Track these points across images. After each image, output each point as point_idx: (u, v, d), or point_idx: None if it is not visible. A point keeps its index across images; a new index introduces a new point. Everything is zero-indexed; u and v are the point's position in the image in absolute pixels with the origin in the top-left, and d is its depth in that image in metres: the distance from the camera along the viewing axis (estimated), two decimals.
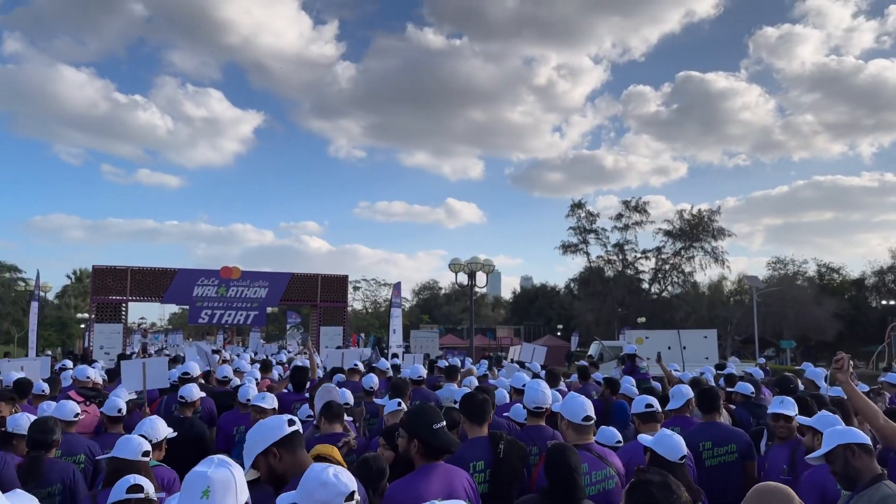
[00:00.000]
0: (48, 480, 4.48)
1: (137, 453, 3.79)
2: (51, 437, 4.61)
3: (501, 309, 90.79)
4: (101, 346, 21.09)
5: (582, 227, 57.32)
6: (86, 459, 5.34)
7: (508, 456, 4.22)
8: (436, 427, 3.49)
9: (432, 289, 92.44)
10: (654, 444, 3.95)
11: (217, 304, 23.15)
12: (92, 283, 22.99)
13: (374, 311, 60.97)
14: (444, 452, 3.53)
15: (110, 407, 5.88)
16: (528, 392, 5.12)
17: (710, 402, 5.50)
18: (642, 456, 4.28)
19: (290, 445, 2.85)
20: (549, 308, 72.08)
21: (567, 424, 4.38)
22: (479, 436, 4.33)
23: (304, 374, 8.89)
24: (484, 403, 4.43)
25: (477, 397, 4.55)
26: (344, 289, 25.71)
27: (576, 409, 4.35)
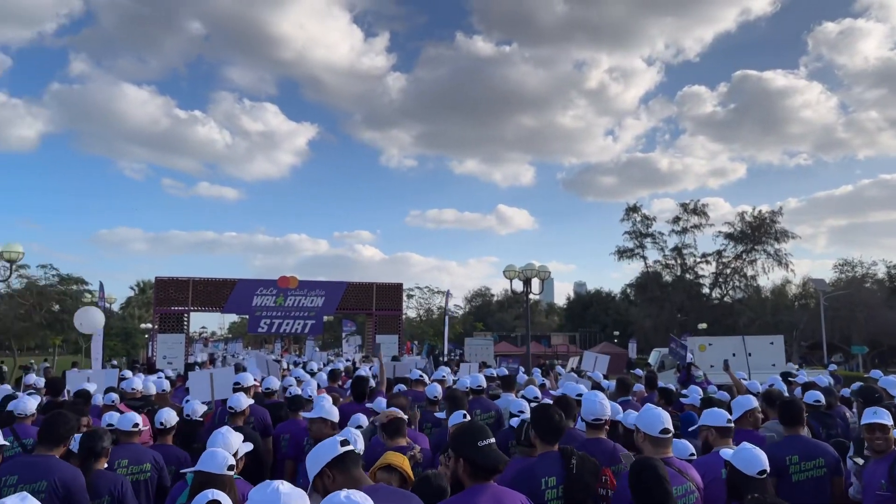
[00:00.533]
0: (97, 492, 4.49)
1: (223, 467, 3.75)
2: (99, 446, 4.62)
3: (555, 316, 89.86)
4: (164, 355, 21.63)
5: (638, 231, 56.34)
6: (151, 468, 5.34)
7: (581, 471, 4.07)
8: (482, 444, 3.29)
9: (484, 296, 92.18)
10: (734, 458, 3.80)
11: (275, 314, 23.48)
12: (155, 295, 23.63)
13: (428, 319, 61.02)
14: (492, 472, 3.33)
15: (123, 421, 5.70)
16: (587, 404, 4.94)
17: (794, 414, 5.18)
18: (719, 470, 4.13)
19: (343, 466, 2.87)
20: (604, 314, 70.98)
21: (644, 437, 4.21)
22: (550, 451, 4.18)
23: (366, 384, 8.79)
24: (559, 423, 4.28)
25: (553, 416, 4.32)
26: (399, 297, 25.76)
27: (653, 422, 4.17)
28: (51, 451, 4.47)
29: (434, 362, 25.26)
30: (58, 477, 4.26)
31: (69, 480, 4.29)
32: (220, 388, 8.37)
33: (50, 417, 4.68)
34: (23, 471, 4.27)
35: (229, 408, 6.85)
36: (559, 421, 4.25)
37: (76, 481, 4.31)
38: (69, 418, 4.65)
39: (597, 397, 4.95)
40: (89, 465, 4.55)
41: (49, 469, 4.30)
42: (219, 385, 8.38)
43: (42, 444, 4.51)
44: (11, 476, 4.23)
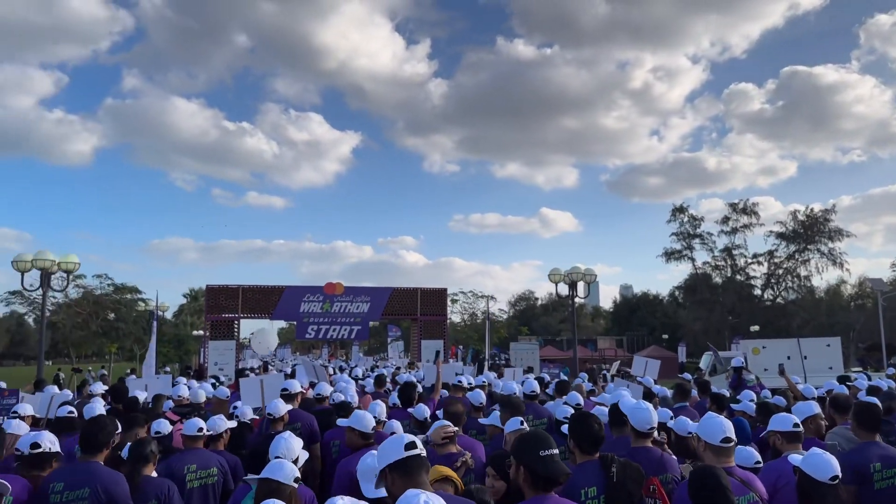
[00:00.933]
0: (144, 497, 4.60)
1: (290, 478, 3.74)
2: (144, 451, 4.73)
3: (601, 319, 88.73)
4: (215, 362, 22.07)
5: (685, 232, 55.22)
6: (217, 473, 5.44)
7: (623, 479, 3.93)
8: (544, 454, 3.22)
9: (529, 299, 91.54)
10: (803, 464, 3.69)
11: (322, 320, 23.75)
12: (206, 302, 24.15)
13: (472, 324, 60.86)
14: (553, 482, 3.25)
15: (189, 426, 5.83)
16: (638, 414, 4.79)
17: (873, 419, 4.97)
18: (790, 476, 4.00)
19: (405, 469, 2.81)
20: (652, 317, 69.78)
21: (705, 446, 4.10)
22: (590, 460, 4.06)
23: (413, 390, 8.75)
24: (599, 433, 4.14)
25: (592, 425, 4.19)
26: (443, 302, 25.79)
27: (714, 430, 4.06)
28: (93, 457, 4.56)
29: (479, 367, 25.21)
30: (100, 483, 4.36)
31: (111, 485, 4.39)
32: (271, 394, 8.41)
33: (88, 425, 4.78)
34: (68, 478, 4.39)
35: (268, 414, 6.89)
36: (598, 430, 4.11)
37: (118, 486, 4.41)
38: (107, 424, 4.74)
39: (646, 406, 4.82)
40: (137, 471, 4.66)
41: (92, 475, 4.41)
42: (269, 391, 8.45)
43: (84, 452, 4.61)
44: (58, 483, 4.35)
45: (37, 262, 17.78)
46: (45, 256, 17.86)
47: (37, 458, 4.65)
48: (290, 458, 4.26)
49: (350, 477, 5.05)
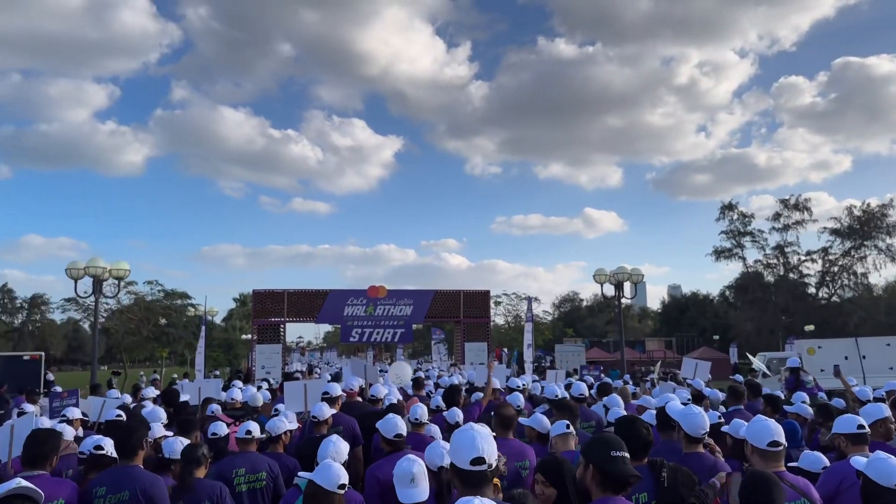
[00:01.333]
0: (197, 499, 4.71)
1: (335, 485, 3.75)
2: (197, 454, 4.85)
3: (649, 320, 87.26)
4: (262, 365, 22.35)
5: (735, 230, 53.96)
6: (266, 476, 5.48)
7: (674, 484, 3.81)
8: (615, 454, 3.20)
9: (573, 301, 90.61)
10: (867, 469, 3.52)
11: (366, 323, 23.86)
12: (253, 307, 24.49)
13: (516, 326, 60.45)
14: (622, 483, 3.18)
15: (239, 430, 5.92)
16: (690, 419, 4.66)
17: None
18: (854, 479, 3.82)
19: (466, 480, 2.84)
20: (702, 318, 68.29)
21: (752, 450, 3.97)
22: (638, 465, 3.90)
23: (457, 393, 8.72)
24: (648, 437, 4.04)
25: (640, 430, 4.07)
26: (486, 304, 25.64)
27: (762, 434, 3.92)
28: (130, 461, 4.68)
29: (521, 369, 24.95)
30: (139, 485, 4.51)
31: (149, 487, 4.53)
32: (314, 398, 8.39)
33: (118, 433, 4.90)
34: (110, 481, 4.54)
35: (312, 417, 6.94)
36: (647, 434, 4.03)
37: (156, 487, 4.55)
38: (136, 429, 4.84)
39: (697, 411, 4.70)
40: (189, 472, 4.77)
41: (131, 478, 4.55)
42: (312, 395, 8.46)
43: (121, 457, 4.74)
44: (101, 487, 4.50)
45: (89, 270, 18.29)
46: (97, 264, 18.36)
47: (98, 459, 4.89)
48: (340, 461, 4.30)
49: (377, 482, 5.05)
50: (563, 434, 5.33)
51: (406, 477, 3.40)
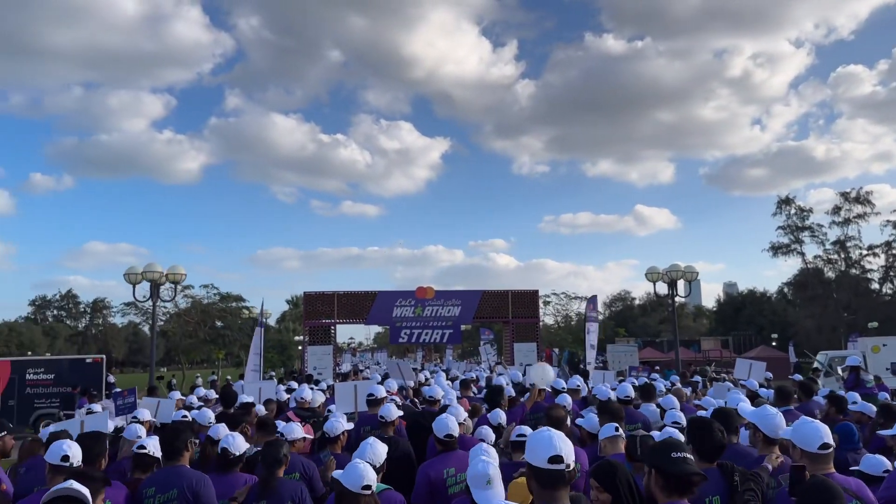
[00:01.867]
0: (279, 498, 4.74)
1: (358, 486, 3.73)
2: (280, 454, 4.88)
3: (704, 318, 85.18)
4: (314, 366, 22.59)
5: (793, 224, 52.17)
6: (300, 477, 5.47)
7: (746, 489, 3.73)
8: (675, 455, 3.11)
9: (625, 300, 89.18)
10: None
11: (415, 324, 23.92)
12: (304, 309, 24.84)
13: (566, 326, 59.83)
14: (686, 484, 3.09)
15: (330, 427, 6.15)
16: (768, 420, 4.46)
17: None
18: None
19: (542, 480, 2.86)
20: (759, 316, 66.29)
21: (801, 454, 3.82)
22: (708, 468, 3.81)
23: (500, 394, 8.55)
24: (722, 440, 3.93)
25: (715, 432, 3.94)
26: (535, 304, 25.40)
27: (810, 436, 3.77)
28: (177, 461, 4.80)
29: (574, 370, 24.62)
30: (186, 483, 4.62)
31: (196, 485, 4.63)
32: (364, 399, 8.49)
33: (165, 435, 5.05)
34: (159, 481, 4.68)
35: (380, 417, 6.95)
36: (721, 437, 3.90)
37: (202, 486, 4.65)
38: (181, 431, 4.99)
39: (773, 411, 4.51)
40: (272, 473, 4.79)
41: (179, 477, 4.67)
42: (363, 396, 8.52)
43: (167, 458, 4.86)
44: (150, 487, 4.64)
45: (146, 275, 18.80)
46: (154, 268, 18.85)
47: (140, 459, 5.01)
48: (377, 462, 4.31)
49: (428, 480, 5.04)
50: (612, 437, 5.24)
51: (482, 479, 3.34)
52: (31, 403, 22.34)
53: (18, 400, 22.25)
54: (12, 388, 22.24)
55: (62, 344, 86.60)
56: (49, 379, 22.76)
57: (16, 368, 22.69)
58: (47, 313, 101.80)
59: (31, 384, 22.52)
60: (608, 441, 5.25)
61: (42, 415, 21.89)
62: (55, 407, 22.23)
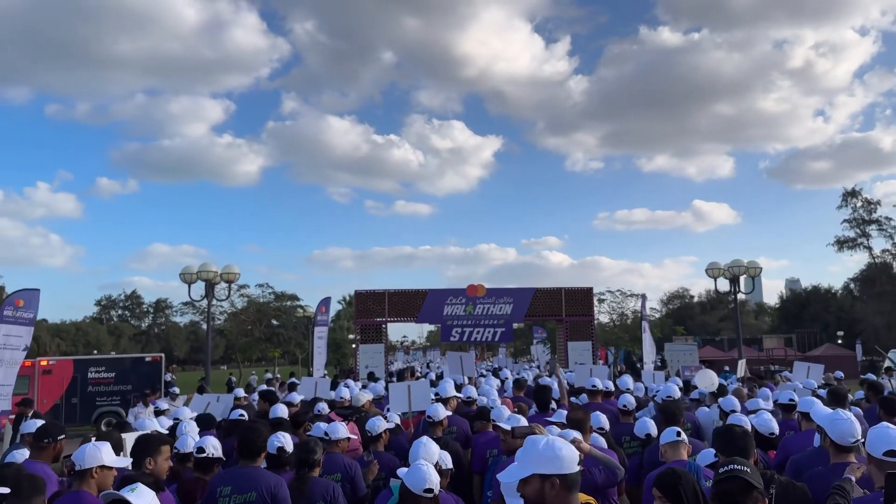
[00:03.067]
0: (311, 498, 4.77)
1: (420, 489, 3.75)
2: (312, 457, 4.85)
3: (766, 316, 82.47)
4: (366, 365, 22.58)
5: (859, 218, 50.05)
6: (342, 478, 5.44)
7: (784, 501, 3.52)
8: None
9: (683, 297, 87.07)
10: None
11: (466, 322, 23.68)
12: (356, 307, 24.88)
13: (622, 324, 58.61)
14: None
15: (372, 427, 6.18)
16: (838, 425, 4.11)
17: None
18: None
19: (572, 485, 2.67)
20: (824, 313, 63.65)
21: (869, 459, 3.62)
22: None
23: (549, 394, 8.38)
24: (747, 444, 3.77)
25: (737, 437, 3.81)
26: (589, 302, 24.84)
27: (877, 441, 3.54)
28: (253, 462, 4.78)
29: (632, 370, 23.96)
30: (264, 486, 4.57)
31: (274, 488, 4.58)
32: (418, 399, 8.55)
33: (244, 433, 4.97)
34: (234, 482, 4.61)
35: (427, 417, 6.93)
36: (744, 443, 3.81)
37: (280, 489, 4.60)
38: (262, 432, 4.96)
39: (846, 416, 4.14)
40: (303, 474, 4.81)
41: (257, 479, 4.62)
42: (416, 396, 8.54)
43: (244, 458, 4.80)
44: (225, 487, 4.57)
45: (201, 274, 19.06)
46: (209, 268, 19.10)
47: (202, 462, 5.06)
48: (431, 461, 4.33)
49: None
50: (674, 442, 4.96)
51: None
52: (94, 401, 22.99)
53: (81, 398, 22.91)
54: (75, 386, 22.90)
55: (126, 343, 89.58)
56: (110, 377, 23.36)
57: (78, 367, 23.34)
58: (112, 313, 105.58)
59: (94, 382, 23.15)
60: (669, 446, 4.97)
61: (104, 412, 22.52)
62: (116, 405, 22.84)
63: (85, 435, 6.24)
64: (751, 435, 4.42)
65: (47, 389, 22.56)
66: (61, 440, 5.14)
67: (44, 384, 22.51)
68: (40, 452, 5.01)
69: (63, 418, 22.50)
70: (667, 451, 4.97)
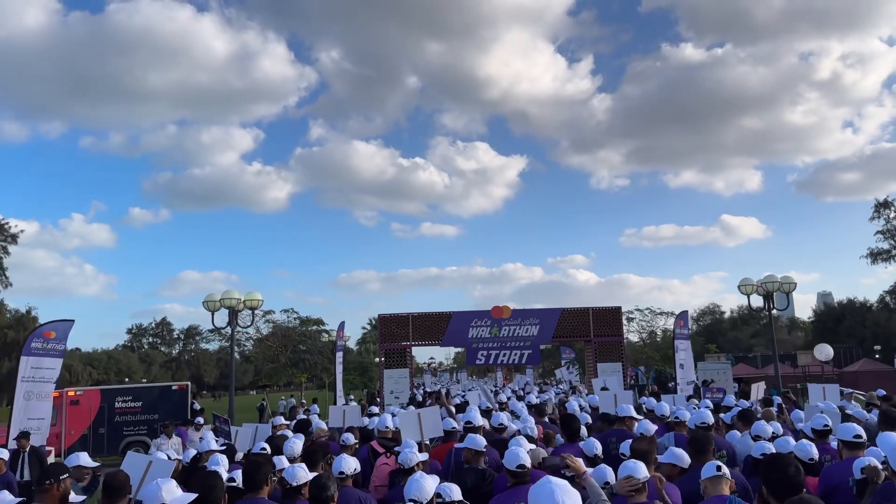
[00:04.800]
0: None
1: None
2: (325, 494, 4.73)
3: (799, 331, 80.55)
4: (390, 390, 22.29)
5: (893, 228, 48.82)
6: None
7: None
8: None
9: (714, 313, 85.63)
10: None
11: (492, 345, 23.29)
12: (379, 331, 24.64)
13: (652, 342, 57.60)
14: None
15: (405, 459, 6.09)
16: None
17: None
18: None
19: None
20: (860, 327, 61.91)
21: None
22: None
23: (576, 421, 7.88)
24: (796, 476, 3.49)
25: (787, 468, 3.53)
26: (618, 321, 24.33)
27: None
28: (257, 494, 4.86)
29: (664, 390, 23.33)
30: None
31: None
32: (430, 427, 8.32)
33: (247, 467, 5.11)
34: None
35: (467, 448, 6.66)
36: (795, 474, 3.52)
37: None
38: (262, 465, 5.03)
39: None
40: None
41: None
42: (427, 424, 8.33)
43: (248, 490, 4.91)
44: None
45: (224, 301, 19.00)
46: (232, 295, 19.03)
47: (233, 491, 5.19)
48: (424, 500, 4.33)
49: None
50: (715, 477, 4.55)
51: None
52: (121, 431, 22.99)
53: (108, 428, 22.90)
54: (102, 416, 22.94)
55: (157, 370, 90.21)
56: (137, 406, 23.36)
57: (105, 397, 23.36)
58: (143, 341, 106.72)
59: (120, 412, 23.16)
60: (710, 482, 4.57)
61: (131, 442, 22.46)
62: (143, 434, 22.78)
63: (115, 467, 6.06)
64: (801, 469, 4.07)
65: (74, 420, 22.61)
66: (64, 479, 5.01)
67: (71, 415, 22.54)
68: (43, 496, 4.89)
69: (90, 448, 22.48)
70: (707, 487, 4.60)
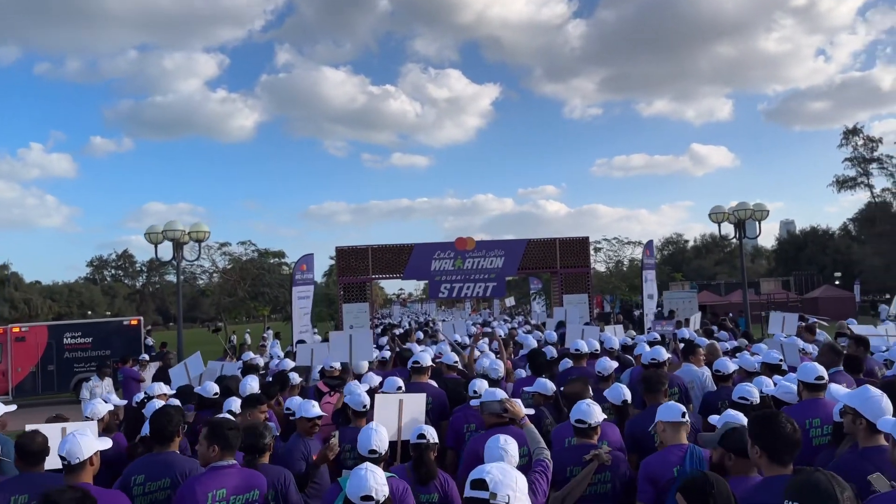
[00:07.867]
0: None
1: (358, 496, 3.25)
2: (261, 442, 4.53)
3: (763, 259, 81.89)
4: (350, 325, 21.47)
5: (860, 156, 48.88)
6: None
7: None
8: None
9: (677, 243, 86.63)
10: None
11: (455, 278, 22.53)
12: (337, 264, 23.68)
13: (619, 272, 57.76)
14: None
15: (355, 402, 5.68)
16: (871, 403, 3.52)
17: None
18: None
19: None
20: (822, 254, 63.04)
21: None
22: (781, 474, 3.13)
23: (543, 357, 7.61)
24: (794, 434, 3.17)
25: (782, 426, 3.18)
26: (585, 252, 23.67)
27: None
28: (167, 447, 4.59)
29: (628, 318, 22.96)
30: (179, 471, 4.43)
31: (189, 472, 4.40)
32: (360, 351, 8.25)
33: (155, 417, 4.71)
34: (147, 469, 4.45)
35: (413, 362, 6.98)
36: (792, 432, 3.18)
37: (196, 472, 4.37)
38: (172, 416, 4.70)
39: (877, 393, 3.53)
40: (252, 461, 4.50)
41: (169, 465, 4.47)
42: (357, 346, 8.30)
43: (157, 444, 4.64)
44: (139, 475, 4.40)
45: (167, 233, 17.82)
46: (175, 227, 17.86)
47: None
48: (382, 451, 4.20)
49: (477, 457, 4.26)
50: (677, 423, 4.18)
51: None
52: (72, 368, 22.53)
53: (58, 364, 22.24)
54: (51, 352, 22.46)
55: (121, 303, 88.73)
56: (87, 342, 22.91)
57: (53, 333, 22.79)
58: (105, 273, 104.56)
59: (70, 348, 22.71)
60: (670, 426, 4.18)
61: (82, 378, 21.64)
62: (94, 370, 21.94)
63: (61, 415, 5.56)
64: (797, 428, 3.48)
65: (21, 357, 22.14)
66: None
67: (17, 352, 22.05)
68: None
69: (40, 386, 21.84)
70: (666, 431, 4.19)
